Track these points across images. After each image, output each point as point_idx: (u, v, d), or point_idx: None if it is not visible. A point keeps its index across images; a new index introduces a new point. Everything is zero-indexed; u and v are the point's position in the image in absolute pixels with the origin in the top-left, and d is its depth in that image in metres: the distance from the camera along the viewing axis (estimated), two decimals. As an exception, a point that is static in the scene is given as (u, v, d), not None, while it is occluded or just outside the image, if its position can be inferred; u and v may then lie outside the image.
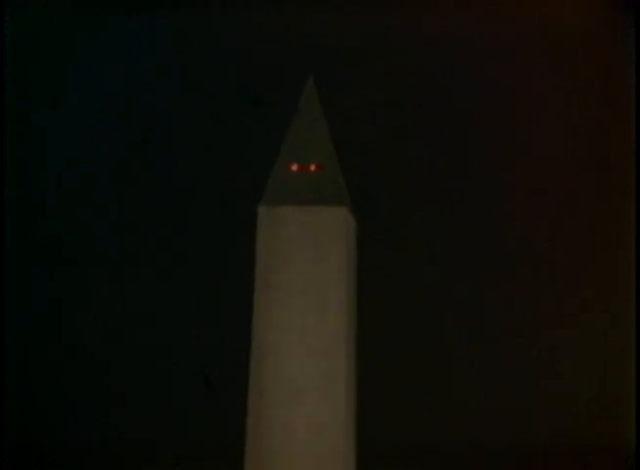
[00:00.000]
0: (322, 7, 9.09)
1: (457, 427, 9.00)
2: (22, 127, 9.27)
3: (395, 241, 9.16)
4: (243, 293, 8.16)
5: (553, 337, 9.12)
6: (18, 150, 9.23)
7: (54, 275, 9.20)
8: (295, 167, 6.22)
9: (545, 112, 9.25)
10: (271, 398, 6.05)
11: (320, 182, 6.05)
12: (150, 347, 9.09)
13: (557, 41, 9.23)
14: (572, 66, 9.26)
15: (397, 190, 9.20)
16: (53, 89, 9.35)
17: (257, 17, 9.14)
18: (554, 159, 9.24)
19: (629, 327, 8.90)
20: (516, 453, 8.88)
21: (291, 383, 5.91)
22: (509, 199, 9.22)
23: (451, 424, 9.00)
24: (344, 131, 8.56)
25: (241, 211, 8.45)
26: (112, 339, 9.12)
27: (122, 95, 9.28)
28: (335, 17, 9.12)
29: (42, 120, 9.32)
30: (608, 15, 9.19)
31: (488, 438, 8.89)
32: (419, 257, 9.16)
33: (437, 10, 9.10)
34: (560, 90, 9.26)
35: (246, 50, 9.21)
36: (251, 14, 9.13)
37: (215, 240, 9.11)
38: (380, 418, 8.91)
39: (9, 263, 9.09)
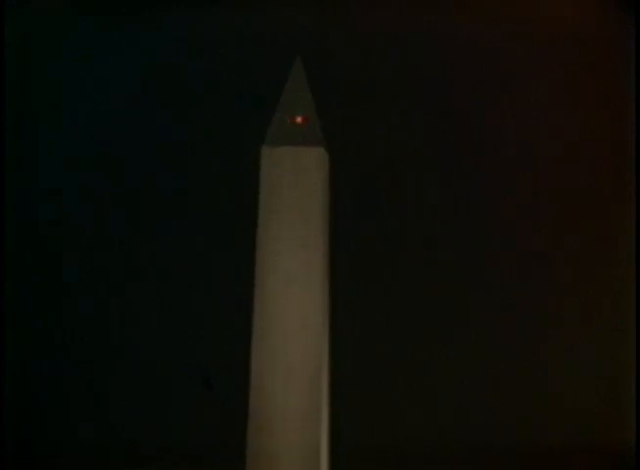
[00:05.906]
0: (322, 7, 9.10)
1: (456, 427, 9.00)
2: (23, 127, 9.28)
3: (394, 240, 9.17)
4: (243, 293, 8.18)
5: (553, 337, 9.13)
6: (18, 150, 9.24)
7: (54, 275, 9.21)
8: (287, 119, 8.32)
9: (545, 111, 9.25)
10: (269, 280, 8.06)
11: (305, 130, 8.28)
12: (150, 347, 9.10)
13: (557, 41, 9.24)
14: (572, 66, 9.27)
15: (396, 189, 9.21)
16: (53, 89, 9.36)
17: (256, 16, 9.15)
18: (554, 159, 9.25)
19: (629, 327, 8.91)
20: (515, 453, 8.89)
21: (283, 271, 8.05)
22: (509, 199, 9.22)
23: (450, 424, 9.01)
24: (343, 132, 8.59)
25: (243, 219, 8.51)
26: (111, 338, 9.13)
27: (122, 95, 9.29)
28: (335, 16, 9.13)
29: (42, 120, 9.32)
30: (608, 15, 9.19)
31: (488, 438, 8.90)
32: (417, 256, 9.17)
33: (437, 10, 9.11)
34: (560, 90, 9.26)
35: (244, 50, 9.22)
36: (250, 14, 9.15)
37: (214, 242, 9.12)
38: (381, 419, 8.91)
39: (8, 263, 9.10)
